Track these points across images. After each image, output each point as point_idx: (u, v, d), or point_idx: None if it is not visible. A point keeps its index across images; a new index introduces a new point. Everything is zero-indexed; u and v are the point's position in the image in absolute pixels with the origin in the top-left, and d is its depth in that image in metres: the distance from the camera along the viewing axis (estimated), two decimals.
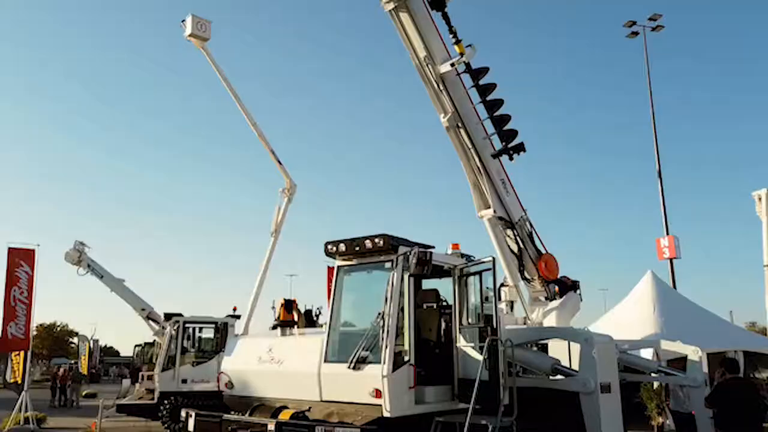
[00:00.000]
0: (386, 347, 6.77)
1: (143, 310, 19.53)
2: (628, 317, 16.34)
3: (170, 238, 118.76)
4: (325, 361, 7.35)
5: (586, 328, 11.12)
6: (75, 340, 55.75)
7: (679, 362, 11.16)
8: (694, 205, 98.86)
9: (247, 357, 8.38)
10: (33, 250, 19.53)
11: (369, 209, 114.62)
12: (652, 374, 11.34)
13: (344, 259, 7.76)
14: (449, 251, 8.63)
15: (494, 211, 10.39)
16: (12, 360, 20.98)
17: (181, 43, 16.81)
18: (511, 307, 10.90)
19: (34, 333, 64.15)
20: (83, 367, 35.85)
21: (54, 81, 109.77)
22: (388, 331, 6.82)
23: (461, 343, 7.63)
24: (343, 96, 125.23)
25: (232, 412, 7.97)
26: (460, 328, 7.68)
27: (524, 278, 11.06)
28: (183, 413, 7.99)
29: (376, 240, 7.22)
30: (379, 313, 6.94)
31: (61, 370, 29.43)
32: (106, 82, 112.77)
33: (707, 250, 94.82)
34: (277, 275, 39.20)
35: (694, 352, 10.80)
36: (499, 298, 9.35)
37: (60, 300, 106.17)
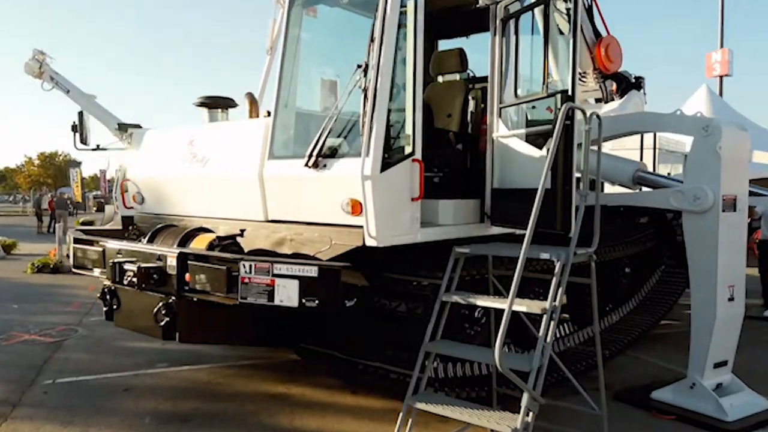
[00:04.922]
0: (371, 128, 3.69)
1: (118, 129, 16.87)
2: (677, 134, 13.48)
3: (154, 56, 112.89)
4: (271, 156, 4.32)
5: (700, 113, 8.04)
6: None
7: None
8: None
9: (161, 157, 5.41)
10: None
11: None
12: None
13: None
14: None
15: None
16: None
17: None
18: None
19: (37, 162, 63.73)
20: (76, 196, 34.26)
21: None
22: (375, 99, 3.68)
23: (500, 131, 4.52)
24: None
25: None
26: (500, 109, 4.53)
27: None
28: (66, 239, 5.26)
29: None
30: (360, 66, 3.75)
31: (47, 197, 27.75)
32: None
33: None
34: None
35: None
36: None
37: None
